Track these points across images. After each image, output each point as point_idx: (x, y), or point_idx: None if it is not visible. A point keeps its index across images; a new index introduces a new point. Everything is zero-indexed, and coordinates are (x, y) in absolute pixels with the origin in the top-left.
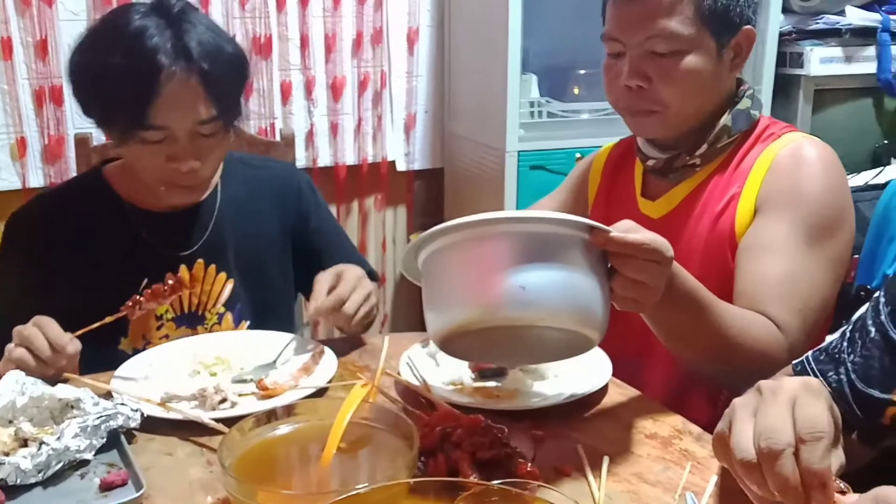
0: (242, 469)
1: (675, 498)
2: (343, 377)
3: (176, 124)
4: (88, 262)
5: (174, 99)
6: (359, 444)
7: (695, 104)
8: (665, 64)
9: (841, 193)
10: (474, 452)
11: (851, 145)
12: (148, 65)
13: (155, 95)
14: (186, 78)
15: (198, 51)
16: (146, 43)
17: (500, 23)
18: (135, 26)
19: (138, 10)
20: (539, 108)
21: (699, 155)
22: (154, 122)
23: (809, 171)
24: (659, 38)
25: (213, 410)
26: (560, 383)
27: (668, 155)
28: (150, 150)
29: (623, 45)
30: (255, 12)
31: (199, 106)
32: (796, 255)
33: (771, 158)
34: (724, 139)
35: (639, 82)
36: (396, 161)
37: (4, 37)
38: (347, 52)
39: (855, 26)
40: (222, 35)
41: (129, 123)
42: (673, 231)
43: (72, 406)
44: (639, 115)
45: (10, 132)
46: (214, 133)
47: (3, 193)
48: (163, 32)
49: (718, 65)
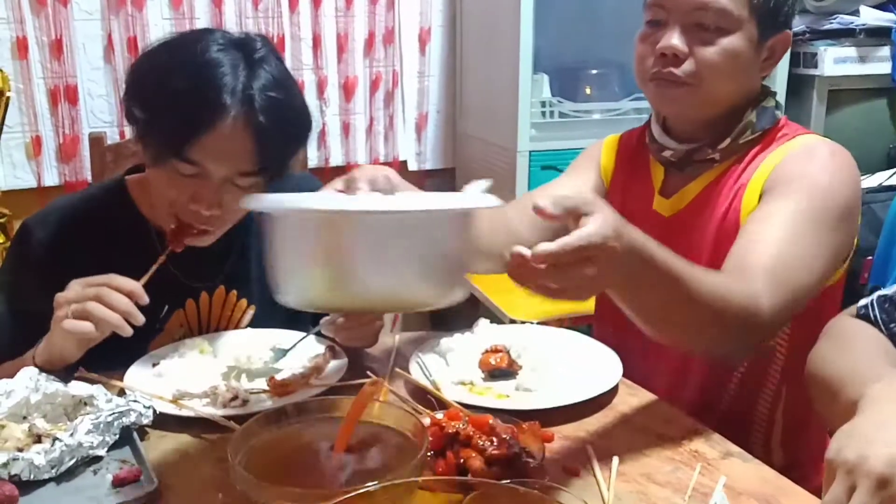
0: (253, 466)
1: (684, 499)
2: (353, 376)
3: (213, 167)
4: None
5: (223, 142)
6: (368, 442)
7: (725, 88)
8: (708, 38)
9: (851, 190)
10: (483, 451)
11: (865, 146)
12: (210, 99)
13: (204, 132)
14: (243, 126)
15: (261, 103)
16: (216, 78)
17: (511, 23)
18: (211, 56)
19: (217, 41)
20: (550, 108)
21: (720, 149)
22: (191, 157)
23: (821, 164)
24: (709, 10)
25: (225, 408)
26: (570, 384)
27: (687, 147)
28: (177, 182)
29: (667, 13)
30: (268, 12)
31: (243, 157)
32: (795, 227)
33: (783, 155)
34: (748, 135)
35: (676, 49)
36: (408, 161)
37: (20, 36)
38: (359, 52)
39: (869, 26)
40: (293, 92)
41: (167, 148)
42: (682, 229)
43: (85, 403)
44: (668, 84)
45: (25, 131)
46: (249, 186)
47: (19, 192)
48: (236, 73)
49: (755, 58)
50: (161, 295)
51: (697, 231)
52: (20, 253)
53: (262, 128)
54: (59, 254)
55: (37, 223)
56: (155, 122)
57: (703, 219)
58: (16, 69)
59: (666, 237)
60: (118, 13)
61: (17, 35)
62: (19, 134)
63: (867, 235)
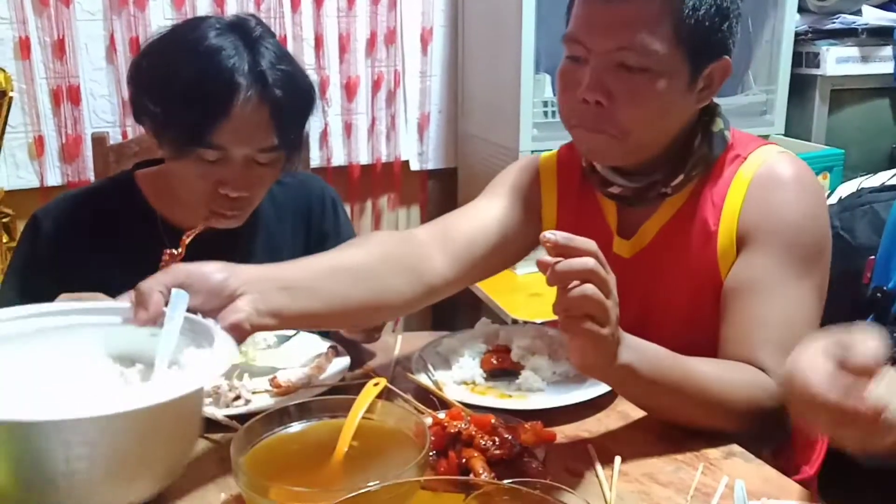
0: (255, 466)
1: (687, 499)
2: (355, 375)
3: (237, 148)
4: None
5: (242, 123)
6: (370, 442)
7: (655, 131)
8: (633, 81)
9: (820, 215)
10: (485, 451)
11: (868, 146)
12: (224, 84)
13: (224, 116)
14: (258, 103)
15: (273, 77)
16: (223, 62)
17: (513, 23)
18: (212, 43)
19: (214, 27)
20: (552, 108)
21: (674, 185)
22: (215, 142)
23: (786, 196)
24: (631, 50)
25: (227, 407)
26: (572, 384)
27: (637, 184)
28: (202, 171)
29: (587, 51)
30: (270, 12)
31: (264, 133)
32: (787, 291)
33: (745, 186)
34: (701, 167)
35: (599, 97)
36: (410, 161)
37: (22, 36)
38: (361, 52)
39: (871, 26)
40: (296, 64)
41: (189, 139)
42: (647, 271)
43: None
44: (591, 134)
45: (28, 131)
46: (270, 163)
47: (22, 192)
48: (241, 54)
49: (687, 93)
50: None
51: (663, 273)
52: (30, 245)
53: (278, 101)
54: (67, 246)
55: (46, 215)
56: (172, 116)
57: (667, 260)
58: (18, 69)
59: (631, 278)
60: (120, 13)
61: (19, 35)
62: (22, 134)
63: (870, 235)
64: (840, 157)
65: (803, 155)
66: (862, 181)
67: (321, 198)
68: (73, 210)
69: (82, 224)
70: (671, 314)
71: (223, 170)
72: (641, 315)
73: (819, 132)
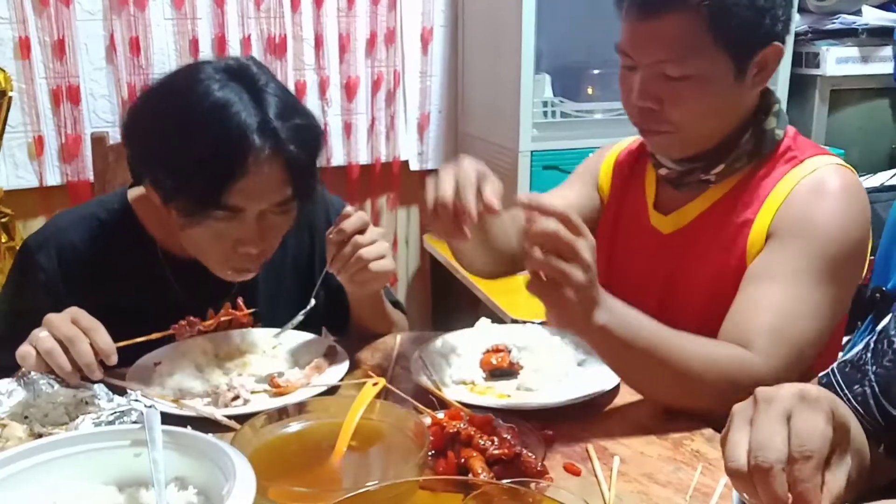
0: (255, 466)
1: (686, 499)
2: (354, 375)
3: (253, 206)
4: (110, 301)
5: (258, 181)
6: (369, 442)
7: (710, 126)
8: (677, 87)
9: (855, 232)
10: (484, 451)
11: (867, 146)
12: (237, 144)
13: (239, 176)
14: (272, 159)
15: (284, 132)
16: (232, 119)
17: (513, 23)
18: (217, 97)
19: (214, 78)
20: (552, 108)
21: (715, 173)
22: (231, 203)
23: (829, 206)
24: (670, 62)
25: (226, 407)
26: (571, 383)
27: (682, 168)
28: (216, 232)
29: (634, 61)
30: (270, 12)
31: (279, 187)
32: (798, 288)
33: (790, 187)
34: (743, 160)
35: (649, 104)
36: (410, 161)
37: (22, 36)
38: (361, 52)
39: (871, 26)
40: (302, 109)
41: (202, 203)
42: (682, 250)
43: (86, 402)
44: (650, 133)
45: (27, 131)
46: (286, 212)
47: (21, 192)
48: (248, 108)
49: (738, 84)
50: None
51: (699, 252)
52: (22, 277)
53: (292, 155)
54: (62, 279)
55: (39, 246)
56: (185, 183)
57: (705, 241)
58: (18, 69)
59: (665, 254)
60: (120, 13)
61: (19, 35)
62: (21, 134)
63: None
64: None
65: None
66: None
67: (325, 211)
68: (68, 242)
69: (78, 254)
70: (696, 295)
71: (239, 228)
72: (667, 289)
73: (819, 132)
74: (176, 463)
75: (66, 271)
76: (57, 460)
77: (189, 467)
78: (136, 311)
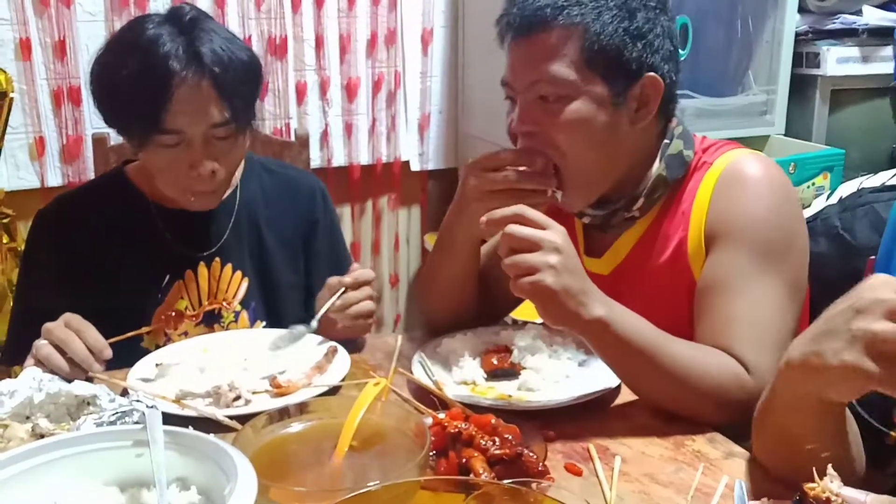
0: (255, 466)
1: (687, 499)
2: (356, 376)
3: (189, 128)
4: (111, 259)
5: (186, 103)
6: (371, 442)
7: (595, 157)
8: (554, 109)
9: (786, 211)
10: (486, 451)
11: (868, 146)
12: (161, 71)
13: (168, 100)
14: (198, 82)
15: (209, 56)
16: (159, 50)
17: None
18: (149, 35)
19: (153, 20)
20: None
21: (637, 208)
22: (168, 127)
23: (751, 192)
24: (543, 81)
25: (227, 408)
26: (572, 383)
27: (603, 212)
28: (169, 157)
29: (513, 91)
30: (271, 13)
31: (211, 109)
32: (754, 288)
33: (710, 190)
34: (661, 189)
35: (528, 127)
36: (410, 161)
37: (23, 37)
38: (362, 52)
39: (872, 26)
40: (235, 41)
41: (144, 129)
42: (628, 284)
43: (88, 403)
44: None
45: (28, 132)
46: (229, 136)
47: (23, 192)
48: (175, 39)
49: (615, 115)
50: (162, 265)
51: (643, 286)
52: (33, 246)
53: (217, 76)
54: (66, 242)
55: (47, 214)
56: (125, 113)
57: (645, 272)
58: (19, 70)
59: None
60: (121, 14)
61: (20, 36)
62: (23, 135)
63: (870, 235)
64: (840, 157)
65: (803, 155)
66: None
67: (311, 189)
68: (69, 207)
69: (78, 220)
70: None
71: (187, 152)
72: None
73: (819, 132)
74: (177, 463)
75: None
76: (58, 461)
77: (191, 468)
78: (136, 265)
